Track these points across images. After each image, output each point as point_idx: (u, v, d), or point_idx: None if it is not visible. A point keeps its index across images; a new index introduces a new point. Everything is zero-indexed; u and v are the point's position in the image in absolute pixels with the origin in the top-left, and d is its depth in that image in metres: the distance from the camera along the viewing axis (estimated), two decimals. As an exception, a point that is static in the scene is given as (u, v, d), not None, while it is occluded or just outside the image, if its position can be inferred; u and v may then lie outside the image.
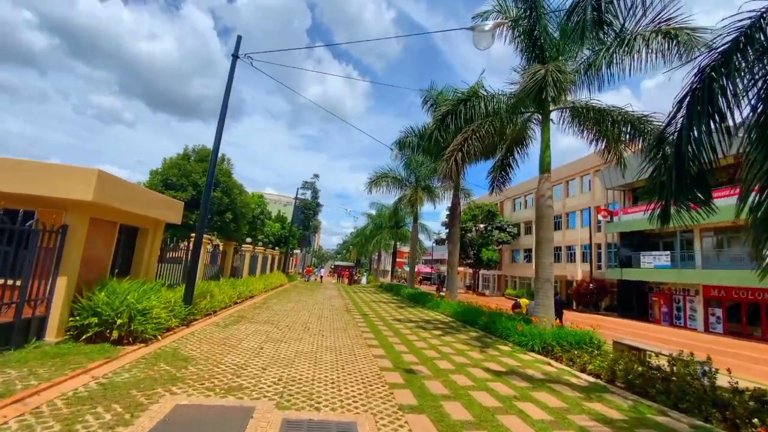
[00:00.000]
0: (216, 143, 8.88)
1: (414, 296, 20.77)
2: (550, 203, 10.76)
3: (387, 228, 37.93)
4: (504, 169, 13.93)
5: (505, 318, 10.96)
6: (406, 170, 26.54)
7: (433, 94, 18.02)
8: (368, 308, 16.18)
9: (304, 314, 12.33)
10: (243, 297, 13.72)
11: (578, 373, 7.44)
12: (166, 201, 8.48)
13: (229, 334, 8.19)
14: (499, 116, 11.17)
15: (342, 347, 7.85)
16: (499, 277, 47.04)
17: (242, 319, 10.15)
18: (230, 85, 9.27)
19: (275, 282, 22.02)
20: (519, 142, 13.21)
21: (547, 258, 10.49)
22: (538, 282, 10.44)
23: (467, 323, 12.66)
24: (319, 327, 10.11)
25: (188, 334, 7.72)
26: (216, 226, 13.67)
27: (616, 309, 27.46)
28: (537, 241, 10.70)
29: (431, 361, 7.39)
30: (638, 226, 25.54)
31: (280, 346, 7.47)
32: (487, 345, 9.47)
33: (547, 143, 11.10)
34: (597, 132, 11.78)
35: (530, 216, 41.41)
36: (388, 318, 13.32)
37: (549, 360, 8.33)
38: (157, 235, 8.81)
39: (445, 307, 15.47)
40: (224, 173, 14.22)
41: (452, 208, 18.63)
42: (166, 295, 7.65)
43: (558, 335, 9.05)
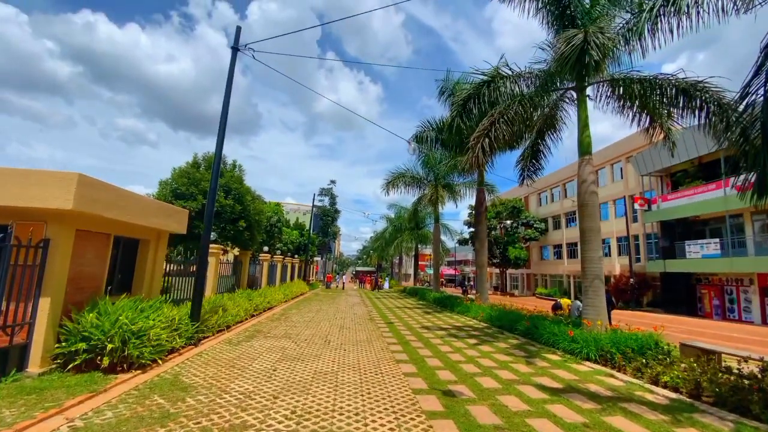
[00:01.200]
0: (219, 140, 8.12)
1: (441, 300, 19.59)
2: (593, 189, 9.47)
3: (407, 230, 36.81)
4: (535, 157, 12.67)
5: (549, 322, 9.69)
6: (424, 168, 25.42)
7: (449, 84, 16.96)
8: (393, 315, 15.14)
9: (325, 325, 11.41)
10: (260, 309, 12.95)
11: (651, 386, 6.17)
12: (167, 209, 7.74)
13: (241, 352, 7.33)
14: (528, 96, 9.98)
15: (366, 364, 6.85)
16: (528, 276, 45.02)
17: (258, 334, 9.30)
18: (231, 78, 8.53)
19: (295, 291, 21.28)
20: (550, 126, 11.94)
21: (595, 251, 9.19)
22: (587, 279, 9.14)
23: (504, 329, 11.42)
24: (340, 339, 9.15)
25: (195, 356, 6.89)
26: (229, 236, 13.00)
27: (661, 304, 25.34)
28: (582, 232, 9.42)
29: (471, 377, 6.28)
30: (681, 212, 23.51)
31: (296, 366, 6.54)
32: (532, 355, 8.25)
33: (585, 122, 9.84)
34: (640, 106, 10.41)
35: (558, 210, 39.43)
36: (416, 326, 12.24)
37: (610, 371, 7.06)
38: (160, 247, 8.09)
39: (476, 311, 14.24)
40: (236, 180, 13.57)
41: (477, 204, 17.40)
42: (168, 313, 6.86)
43: (616, 340, 7.77)
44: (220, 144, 8.16)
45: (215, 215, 13.01)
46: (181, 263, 9.80)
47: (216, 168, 8.03)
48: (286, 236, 28.52)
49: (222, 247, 11.56)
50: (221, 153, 8.18)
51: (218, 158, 8.10)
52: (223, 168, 13.81)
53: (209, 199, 7.88)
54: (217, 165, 8.05)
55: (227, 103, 8.32)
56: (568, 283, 35.87)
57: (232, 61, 8.61)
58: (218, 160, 8.15)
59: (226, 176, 13.34)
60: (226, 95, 8.37)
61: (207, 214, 7.88)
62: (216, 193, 7.98)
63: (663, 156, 24.69)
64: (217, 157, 8.08)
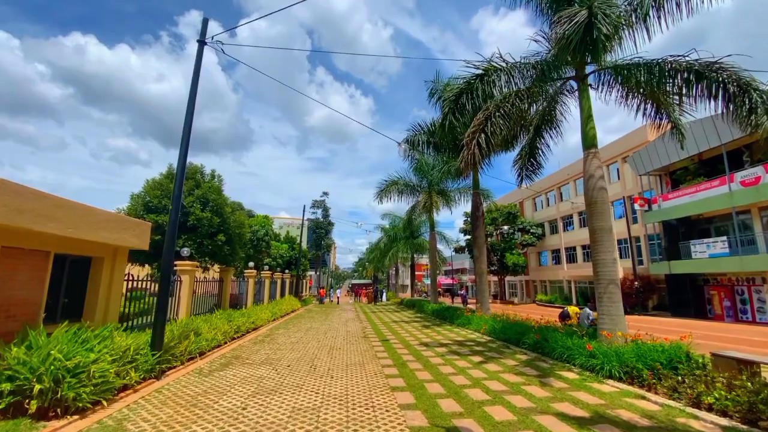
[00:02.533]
0: (185, 140, 7.19)
1: (439, 312, 18.55)
2: (602, 184, 8.64)
3: (402, 239, 35.82)
4: (533, 156, 11.88)
5: (561, 334, 8.73)
6: (417, 175, 24.66)
7: (439, 86, 16.26)
8: (388, 331, 14.07)
9: (313, 346, 10.34)
10: (243, 331, 11.83)
11: (693, 410, 5.22)
12: (122, 221, 6.75)
13: (210, 385, 6.26)
14: (526, 88, 9.23)
15: (356, 395, 5.82)
16: (527, 282, 44.04)
17: (234, 361, 8.22)
18: (198, 73, 7.68)
19: (285, 308, 20.10)
20: (549, 121, 11.18)
21: (608, 253, 8.30)
22: (600, 284, 8.23)
23: (510, 342, 10.43)
24: (328, 364, 8.10)
25: (153, 392, 5.82)
26: (207, 251, 11.95)
27: (667, 307, 24.46)
28: (592, 232, 8.55)
29: (480, 407, 5.29)
30: (684, 211, 22.83)
31: (271, 401, 5.50)
32: (545, 373, 7.27)
33: (588, 112, 9.08)
34: (647, 95, 9.70)
35: (554, 214, 38.78)
36: (413, 342, 11.19)
37: (639, 391, 6.10)
38: (117, 265, 7.07)
39: (478, 323, 13.24)
40: (214, 190, 12.58)
41: (474, 208, 16.54)
42: (121, 343, 5.81)
43: (641, 353, 6.83)
44: (185, 144, 7.23)
45: (191, 229, 12.00)
46: (150, 281, 8.76)
47: (180, 171, 7.09)
48: (275, 250, 27.36)
49: (197, 263, 10.51)
50: (186, 153, 7.24)
51: (183, 158, 7.15)
52: (200, 178, 12.88)
53: (173, 207, 6.90)
54: (181, 167, 7.11)
55: (193, 99, 7.44)
56: (569, 289, 34.95)
57: (198, 55, 7.77)
58: (183, 161, 7.20)
59: (204, 187, 12.37)
60: (192, 92, 7.50)
61: (171, 223, 6.89)
62: (180, 200, 7.02)
63: (661, 154, 24.16)
64: (181, 158, 7.13)
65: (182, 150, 7.11)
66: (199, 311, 11.52)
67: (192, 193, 11.89)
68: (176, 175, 7.04)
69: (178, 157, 7.15)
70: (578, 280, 33.58)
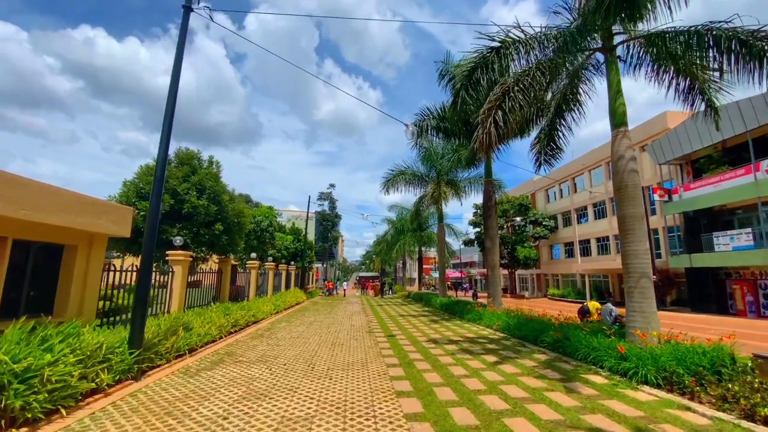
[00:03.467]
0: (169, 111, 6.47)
1: (448, 306, 17.78)
2: (633, 166, 7.72)
3: (409, 232, 35.00)
4: (552, 139, 10.94)
5: (585, 333, 7.90)
6: (425, 165, 23.77)
7: (450, 68, 15.31)
8: (395, 326, 13.37)
9: (314, 342, 9.68)
10: (242, 324, 11.23)
11: (750, 425, 4.41)
12: (96, 205, 6.07)
13: (193, 388, 5.61)
14: (548, 59, 8.30)
15: (356, 402, 5.10)
16: (538, 276, 43.02)
17: (226, 359, 7.58)
18: (183, 40, 6.94)
19: (290, 301, 19.54)
20: (571, 100, 10.22)
21: (640, 243, 7.42)
22: (631, 278, 7.37)
23: (526, 341, 9.64)
24: (328, 362, 7.41)
25: (127, 396, 5.18)
26: (204, 241, 11.31)
27: (687, 302, 23.39)
28: (621, 220, 7.67)
29: (499, 419, 4.53)
30: (707, 202, 21.62)
31: (259, 408, 4.80)
32: (569, 376, 6.47)
33: (617, 87, 8.14)
34: (680, 69, 8.70)
35: (568, 206, 37.58)
36: (421, 339, 10.46)
37: (681, 400, 5.28)
38: (94, 254, 6.42)
39: (490, 318, 12.44)
40: (211, 177, 11.89)
41: (486, 198, 15.64)
42: (90, 340, 5.16)
43: (679, 356, 5.99)
44: (169, 115, 6.51)
45: (187, 218, 11.37)
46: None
47: (164, 146, 6.37)
48: (279, 242, 26.75)
49: (191, 253, 9.87)
50: (171, 125, 6.51)
51: (167, 130, 6.43)
52: (197, 165, 12.21)
53: (154, 189, 6.20)
54: (165, 141, 6.39)
55: (178, 68, 6.71)
56: (582, 283, 33.88)
57: (183, 22, 7.01)
58: (167, 134, 6.47)
59: (201, 173, 11.69)
60: (177, 61, 6.75)
61: (151, 207, 6.20)
62: (162, 182, 6.32)
63: (683, 142, 22.88)
64: (165, 130, 6.41)
65: (166, 122, 6.39)
66: (194, 304, 10.93)
67: (188, 179, 11.23)
68: (159, 152, 6.33)
69: (162, 129, 6.44)
70: (592, 274, 32.51)
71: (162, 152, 6.35)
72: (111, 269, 6.96)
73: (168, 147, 6.50)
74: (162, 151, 6.34)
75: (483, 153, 9.31)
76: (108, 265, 6.91)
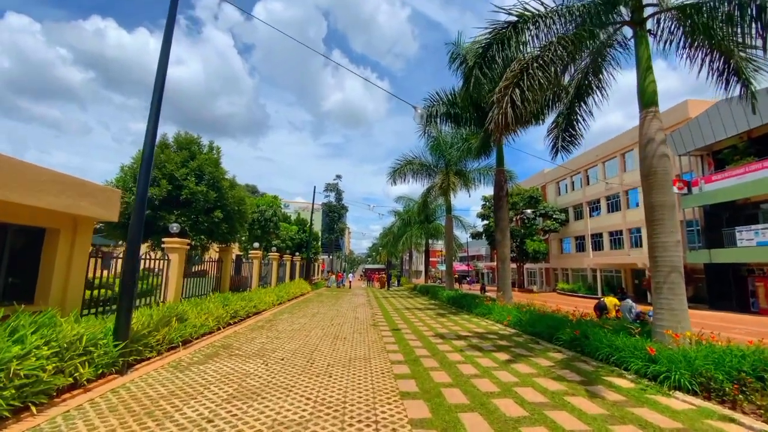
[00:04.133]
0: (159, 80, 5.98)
1: (456, 299, 17.26)
2: (664, 150, 7.04)
3: (416, 224, 34.40)
4: (570, 124, 10.23)
5: (606, 331, 7.32)
6: (433, 155, 23.11)
7: (461, 50, 14.55)
8: (400, 319, 12.90)
9: (316, 335, 9.24)
10: (242, 315, 10.85)
11: (811, 443, 3.81)
12: (77, 185, 5.61)
13: (181, 384, 5.18)
14: (572, 33, 7.59)
15: (356, 404, 4.62)
16: (547, 270, 42.21)
17: (222, 352, 7.17)
18: (174, 11, 6.40)
19: (294, 292, 19.20)
20: (592, 84, 9.48)
21: (670, 234, 6.78)
22: (660, 272, 6.74)
23: (540, 337, 9.09)
24: (329, 357, 6.95)
25: (108, 392, 4.77)
26: (203, 228, 10.90)
27: (705, 300, 22.54)
28: (649, 209, 7.01)
29: (516, 428, 4.02)
30: (730, 195, 20.65)
31: (248, 410, 4.35)
32: (591, 379, 5.91)
33: (647, 63, 7.43)
34: (715, 44, 7.93)
35: (580, 198, 36.59)
36: (428, 333, 9.97)
37: (722, 409, 4.70)
38: (79, 239, 6.00)
39: (500, 313, 11.89)
40: (211, 162, 11.42)
41: (497, 188, 14.97)
42: (69, 331, 4.74)
43: (716, 359, 5.39)
44: (159, 88, 6.03)
45: (185, 204, 10.96)
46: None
47: (153, 122, 5.89)
48: (284, 232, 26.37)
49: (188, 241, 9.45)
50: (161, 99, 6.03)
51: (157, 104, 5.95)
52: (197, 150, 11.75)
53: (142, 169, 5.74)
54: (154, 120, 5.91)
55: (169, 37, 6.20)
56: (593, 278, 33.06)
57: None
58: (157, 108, 5.99)
59: (200, 159, 11.24)
60: (168, 30, 6.24)
61: (139, 189, 5.75)
62: (151, 163, 5.84)
63: (705, 131, 21.82)
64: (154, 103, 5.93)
65: (155, 96, 5.90)
66: (193, 294, 10.56)
67: (186, 164, 10.79)
68: (147, 129, 5.85)
69: (150, 105, 5.95)
70: (604, 269, 31.67)
71: (151, 127, 5.88)
72: (99, 256, 6.55)
73: (157, 124, 6.02)
74: (151, 126, 5.87)
75: (498, 135, 8.64)
76: (96, 251, 6.49)
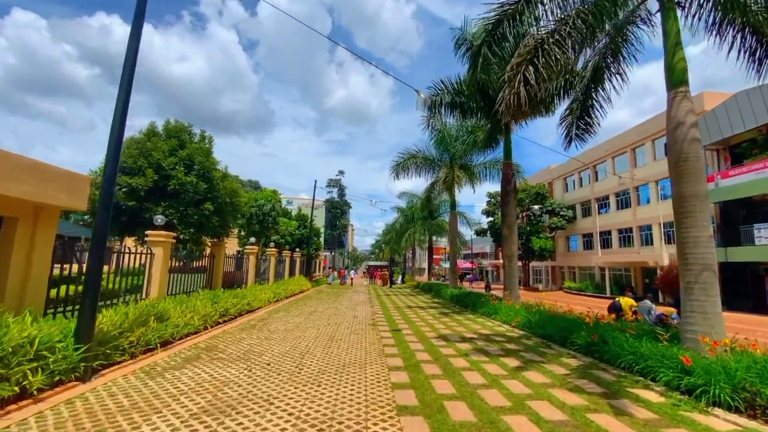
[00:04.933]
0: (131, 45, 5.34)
1: (460, 298, 16.59)
2: (695, 134, 6.30)
3: (419, 220, 33.70)
4: (586, 110, 9.47)
5: (627, 335, 6.62)
6: (437, 148, 22.40)
7: (467, 35, 13.79)
8: (401, 318, 12.25)
9: (310, 335, 8.62)
10: (233, 313, 10.25)
11: None
12: (38, 169, 4.99)
13: (148, 395, 4.56)
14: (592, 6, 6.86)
15: (345, 421, 3.97)
16: (553, 268, 41.38)
17: (204, 355, 6.56)
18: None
19: (292, 289, 18.61)
20: (611, 64, 8.72)
21: (702, 228, 6.06)
22: (690, 271, 6.04)
23: (551, 340, 8.40)
24: (321, 362, 6.32)
25: (61, 403, 4.16)
26: (192, 221, 10.29)
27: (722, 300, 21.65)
28: (679, 200, 6.29)
29: (534, 456, 3.34)
30: (748, 190, 19.76)
31: (218, 427, 3.72)
32: (613, 391, 5.22)
33: (676, 39, 6.68)
34: (748, 21, 7.19)
35: (588, 195, 35.70)
36: (430, 335, 9.32)
37: (775, 432, 4.00)
38: (42, 230, 5.41)
39: (507, 313, 11.21)
40: (201, 152, 10.77)
41: (504, 181, 14.24)
42: (17, 333, 4.14)
43: (760, 370, 4.69)
44: (133, 47, 5.39)
45: (173, 195, 10.35)
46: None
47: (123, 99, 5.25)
48: (283, 227, 25.75)
49: (174, 234, 8.85)
50: (132, 76, 5.39)
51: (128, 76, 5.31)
52: (187, 138, 11.12)
53: (109, 153, 5.12)
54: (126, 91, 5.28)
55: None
56: (600, 277, 32.23)
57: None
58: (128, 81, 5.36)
59: (190, 148, 10.61)
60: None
61: (106, 174, 5.15)
62: (120, 145, 5.22)
63: (722, 124, 20.91)
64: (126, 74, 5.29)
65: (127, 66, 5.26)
66: (182, 291, 9.97)
67: (175, 153, 10.16)
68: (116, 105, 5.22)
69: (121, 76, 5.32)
70: (613, 267, 30.82)
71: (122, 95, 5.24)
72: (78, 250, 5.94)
73: (129, 97, 5.38)
74: (122, 93, 5.23)
75: (508, 118, 7.93)
76: (62, 241, 5.89)
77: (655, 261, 25.29)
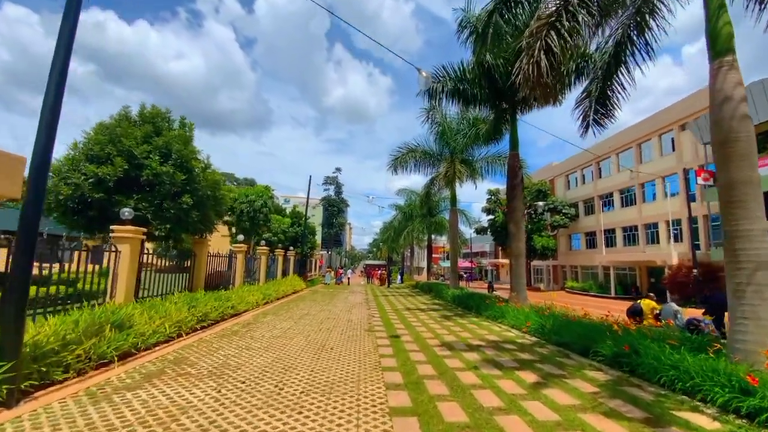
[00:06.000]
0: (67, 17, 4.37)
1: (462, 300, 15.66)
2: (744, 110, 5.38)
3: (418, 217, 32.75)
4: (605, 93, 8.54)
5: (663, 346, 5.68)
6: (438, 143, 21.51)
7: (470, 18, 12.82)
8: (400, 322, 11.31)
9: (297, 344, 7.67)
10: (215, 318, 9.29)
11: None
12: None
13: (80, 428, 3.60)
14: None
15: (326, 470, 3.02)
16: (555, 267, 40.52)
17: (169, 370, 5.59)
18: None
19: (285, 290, 17.66)
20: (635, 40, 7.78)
21: (755, 220, 5.14)
22: (741, 271, 5.11)
23: (569, 349, 7.48)
24: (306, 379, 5.36)
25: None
26: (169, 216, 9.30)
27: (730, 300, 20.81)
28: (727, 188, 5.37)
29: None
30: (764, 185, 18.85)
31: (154, 483, 2.76)
32: (657, 415, 4.30)
33: (720, 2, 5.74)
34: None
35: (591, 192, 34.85)
36: (432, 342, 8.38)
37: None
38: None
39: (515, 316, 10.28)
40: (179, 139, 9.75)
41: (511, 174, 13.28)
42: None
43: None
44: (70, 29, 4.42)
45: (146, 187, 9.37)
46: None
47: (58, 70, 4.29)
48: (276, 225, 24.74)
49: (143, 229, 7.87)
50: (70, 55, 4.42)
51: (67, 38, 4.34)
52: (165, 125, 10.15)
53: (39, 136, 4.16)
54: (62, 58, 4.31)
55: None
56: (604, 276, 31.39)
57: None
58: (64, 63, 4.39)
59: (167, 135, 9.62)
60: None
61: (36, 159, 4.18)
62: (54, 128, 4.26)
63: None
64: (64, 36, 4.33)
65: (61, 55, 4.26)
66: (156, 293, 9.00)
67: (149, 141, 9.19)
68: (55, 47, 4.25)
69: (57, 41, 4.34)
70: (618, 267, 29.98)
71: (58, 65, 4.27)
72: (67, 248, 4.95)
73: (66, 67, 4.41)
74: (58, 63, 4.26)
75: (527, 91, 6.94)
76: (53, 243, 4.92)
77: (663, 260, 24.43)
